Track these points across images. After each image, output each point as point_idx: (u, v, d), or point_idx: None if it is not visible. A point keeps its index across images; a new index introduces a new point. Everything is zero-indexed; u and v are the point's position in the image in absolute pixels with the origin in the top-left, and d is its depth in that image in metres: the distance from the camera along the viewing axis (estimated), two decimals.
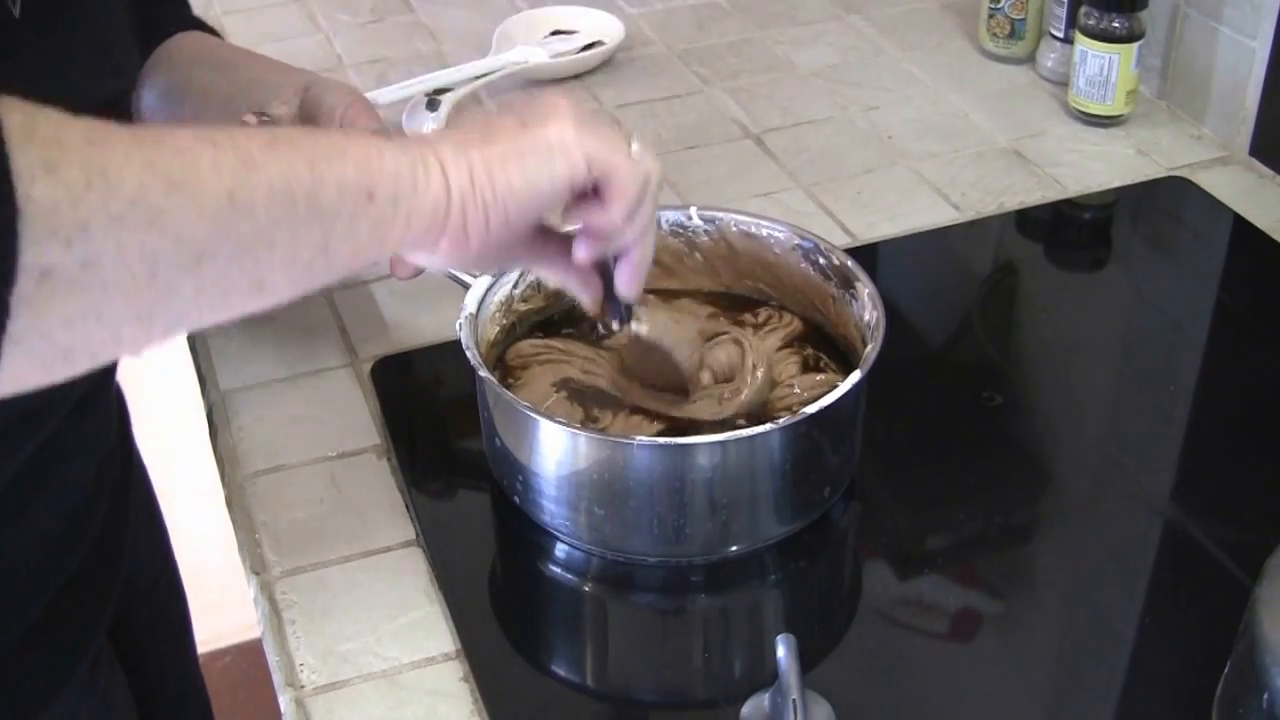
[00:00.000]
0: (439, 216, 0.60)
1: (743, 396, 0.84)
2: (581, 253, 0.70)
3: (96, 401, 0.74)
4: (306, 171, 0.54)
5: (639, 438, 0.80)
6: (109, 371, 0.75)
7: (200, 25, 0.91)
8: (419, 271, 0.89)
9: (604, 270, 0.74)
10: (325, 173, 0.55)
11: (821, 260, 0.89)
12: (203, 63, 0.87)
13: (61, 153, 0.46)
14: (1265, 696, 0.61)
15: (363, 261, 0.59)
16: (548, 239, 0.71)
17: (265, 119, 0.81)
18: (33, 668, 0.72)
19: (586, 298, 0.74)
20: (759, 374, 0.85)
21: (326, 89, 0.83)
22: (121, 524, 0.80)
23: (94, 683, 0.77)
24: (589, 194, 0.66)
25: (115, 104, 0.73)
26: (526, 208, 0.63)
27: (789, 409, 0.84)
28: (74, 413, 0.69)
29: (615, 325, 0.77)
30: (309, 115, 0.82)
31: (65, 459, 0.71)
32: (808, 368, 0.88)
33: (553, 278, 0.73)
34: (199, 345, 1.01)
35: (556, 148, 0.63)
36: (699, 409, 0.84)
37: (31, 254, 0.45)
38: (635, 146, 0.67)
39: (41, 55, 0.63)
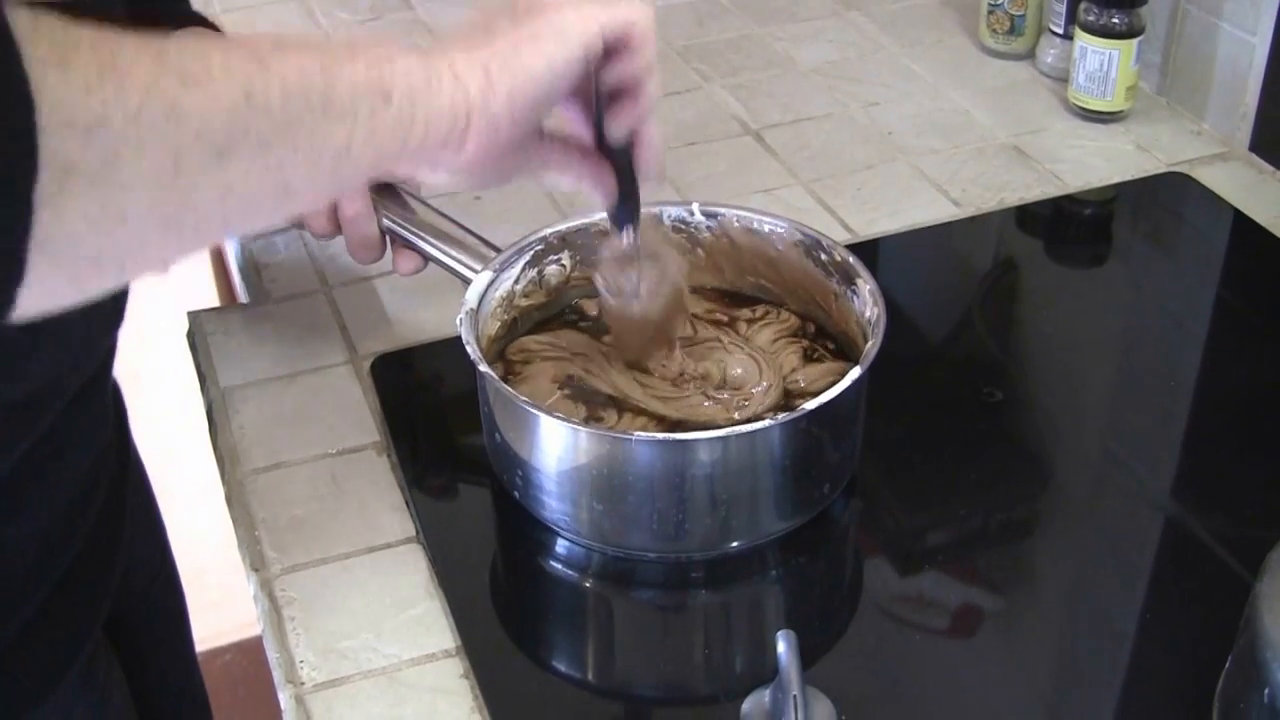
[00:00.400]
0: (459, 116, 0.61)
1: (751, 410, 0.84)
2: (616, 128, 0.72)
3: (93, 396, 0.73)
4: (319, 72, 0.54)
5: (639, 433, 0.80)
6: (106, 366, 0.75)
7: (201, 21, 0.91)
8: (421, 266, 0.89)
9: (617, 169, 0.75)
10: (338, 72, 0.55)
11: (823, 256, 0.89)
12: None
13: (71, 48, 0.46)
14: (1266, 692, 0.61)
15: (389, 164, 0.59)
16: (553, 142, 0.73)
17: None
18: (29, 662, 0.72)
19: (604, 192, 0.76)
20: (771, 390, 0.85)
21: None
22: (118, 520, 0.80)
23: (91, 678, 0.77)
24: (604, 59, 0.68)
25: None
26: (551, 89, 0.64)
27: (800, 396, 0.84)
28: (71, 406, 0.69)
29: (628, 235, 0.79)
30: None
31: (62, 453, 0.71)
32: (808, 358, 0.88)
33: (567, 179, 0.74)
34: (199, 342, 1.01)
35: (568, 24, 0.64)
36: (707, 413, 0.84)
37: (51, 146, 0.44)
38: None
39: None
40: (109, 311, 0.71)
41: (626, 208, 0.78)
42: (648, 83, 0.70)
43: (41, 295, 0.47)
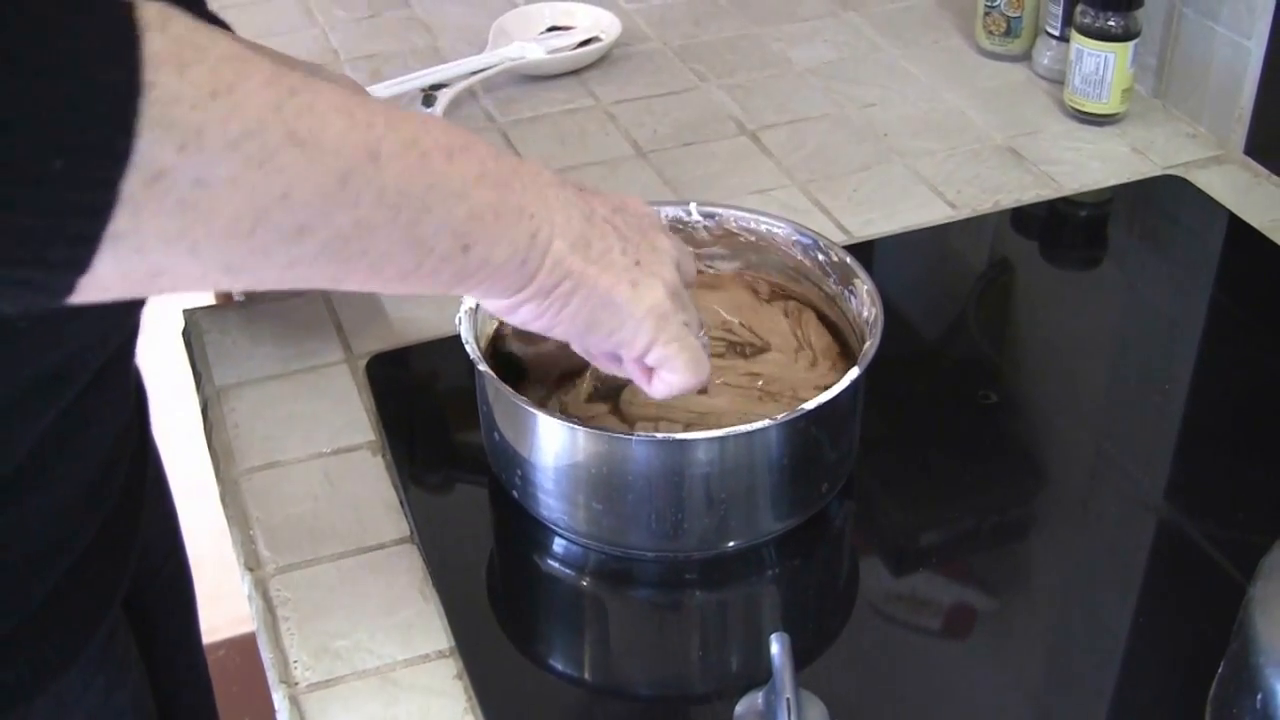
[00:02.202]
0: (511, 290, 0.61)
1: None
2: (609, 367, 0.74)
3: (117, 372, 0.74)
4: (421, 193, 0.54)
5: (638, 433, 0.80)
6: (130, 342, 0.76)
7: (210, 18, 0.92)
8: None
9: None
10: (437, 206, 0.55)
11: (820, 256, 0.89)
12: None
13: (195, 54, 0.46)
14: (1259, 697, 0.61)
15: (434, 293, 0.60)
16: None
17: None
18: (52, 633, 0.72)
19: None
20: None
21: (328, 81, 0.83)
22: (138, 496, 0.81)
23: (110, 652, 0.78)
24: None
25: None
26: (574, 336, 0.66)
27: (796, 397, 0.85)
28: (96, 380, 0.70)
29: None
30: None
31: (87, 426, 0.72)
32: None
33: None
34: (194, 340, 1.01)
35: (638, 318, 0.66)
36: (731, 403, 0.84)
37: (146, 143, 0.44)
38: (703, 339, 0.70)
39: None
40: None
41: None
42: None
43: (93, 287, 0.47)
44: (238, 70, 0.47)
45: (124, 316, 0.73)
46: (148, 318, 0.76)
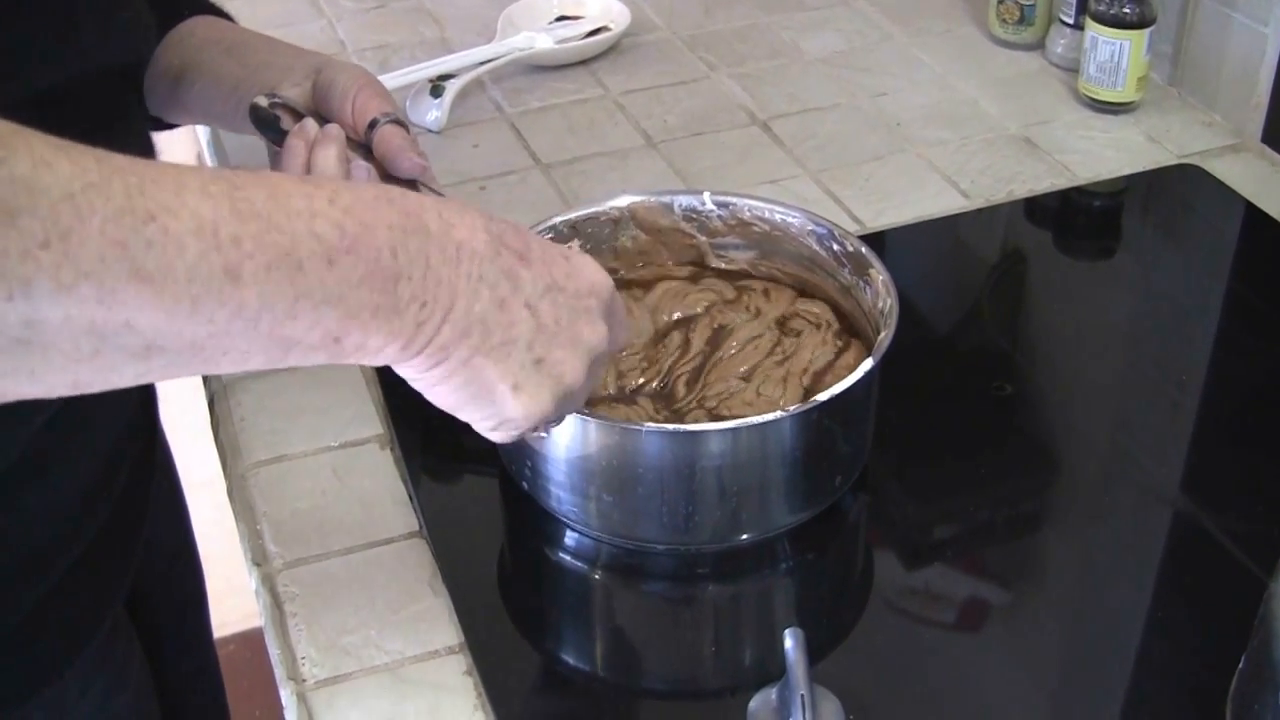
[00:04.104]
0: (391, 360, 0.58)
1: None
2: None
3: None
4: (288, 305, 0.51)
5: (649, 424, 0.80)
6: None
7: (214, 10, 0.91)
8: None
9: None
10: (305, 314, 0.52)
11: (835, 246, 0.88)
12: (214, 45, 0.86)
13: (29, 200, 0.43)
14: None
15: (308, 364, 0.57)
16: None
17: (276, 100, 0.81)
18: (51, 633, 0.72)
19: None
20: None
21: (338, 71, 0.83)
22: (143, 499, 0.81)
23: (111, 652, 0.78)
24: None
25: (125, 74, 0.73)
26: (448, 408, 0.62)
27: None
28: None
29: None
30: (321, 98, 0.81)
31: (88, 422, 0.71)
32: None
33: None
34: None
35: (508, 418, 0.62)
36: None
37: None
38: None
39: (48, 12, 0.63)
40: None
41: None
42: None
43: None
44: (78, 206, 0.44)
45: None
46: None
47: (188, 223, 0.47)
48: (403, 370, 0.60)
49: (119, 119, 0.73)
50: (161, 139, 0.87)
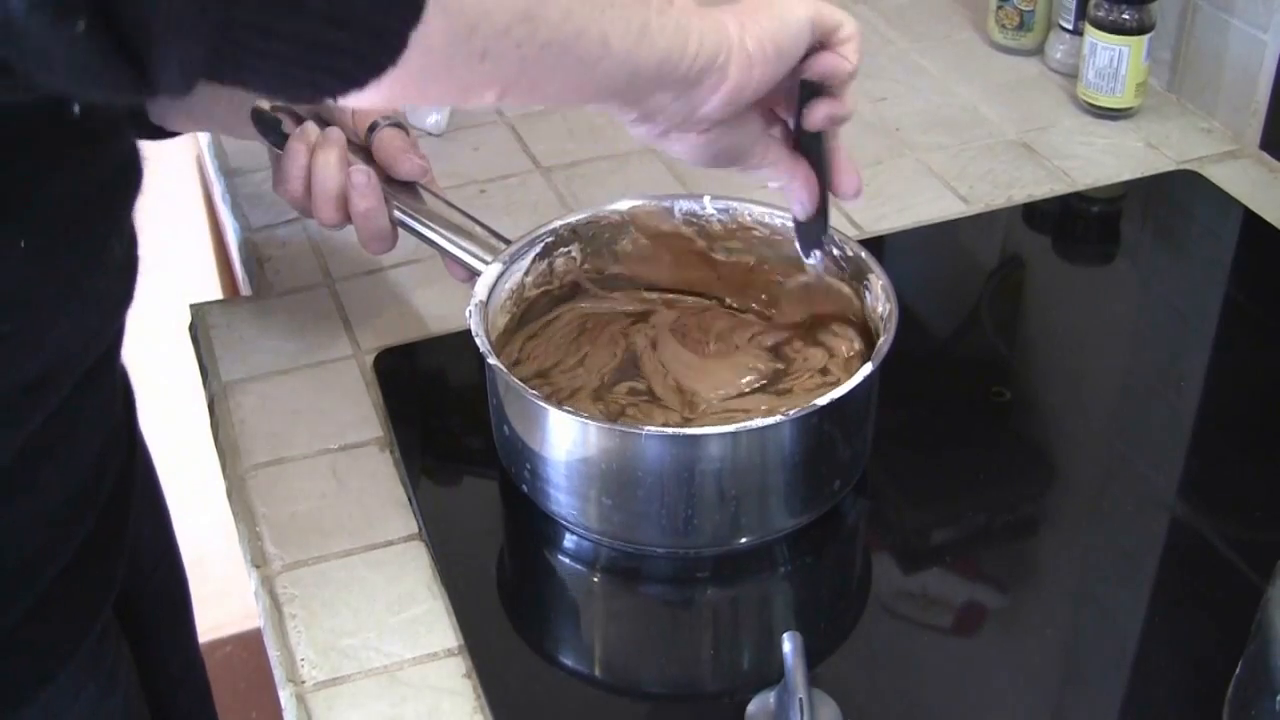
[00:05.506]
0: (721, 47, 0.66)
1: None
2: (814, 117, 0.74)
3: (102, 376, 0.74)
4: None
5: (649, 427, 0.80)
6: (114, 346, 0.75)
7: None
8: (474, 274, 0.87)
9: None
10: None
11: (834, 251, 0.88)
12: None
13: None
14: (1279, 699, 0.61)
15: (666, 79, 0.65)
16: (772, 139, 0.76)
17: (278, 104, 0.81)
18: (41, 639, 0.72)
19: (805, 197, 0.79)
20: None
21: None
22: (126, 502, 0.81)
23: (101, 657, 0.78)
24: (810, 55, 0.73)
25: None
26: (792, 44, 0.69)
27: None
28: (80, 386, 0.70)
29: (815, 259, 0.84)
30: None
31: (73, 432, 0.71)
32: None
33: (779, 175, 0.78)
34: (201, 335, 1.00)
35: (791, 5, 0.70)
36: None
37: None
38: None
39: None
40: (120, 291, 0.71)
41: (817, 224, 0.80)
42: (849, 85, 0.74)
43: (397, 86, 0.52)
44: None
45: (106, 323, 0.72)
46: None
47: None
48: (737, 60, 0.68)
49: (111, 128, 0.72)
50: (161, 140, 0.87)
